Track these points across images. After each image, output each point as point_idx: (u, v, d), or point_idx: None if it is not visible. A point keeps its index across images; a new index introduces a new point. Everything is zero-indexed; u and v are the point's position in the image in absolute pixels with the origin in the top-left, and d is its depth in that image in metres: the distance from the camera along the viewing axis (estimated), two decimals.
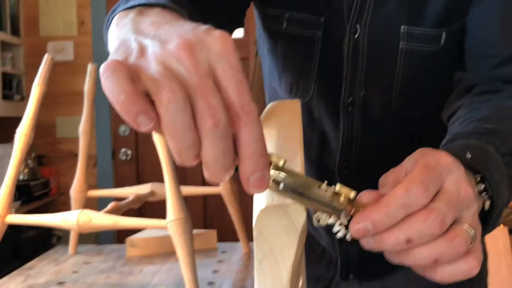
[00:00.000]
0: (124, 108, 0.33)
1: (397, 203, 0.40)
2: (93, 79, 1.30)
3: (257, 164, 0.35)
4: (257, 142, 0.35)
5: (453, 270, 0.43)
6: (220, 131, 0.33)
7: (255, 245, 0.38)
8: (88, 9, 3.10)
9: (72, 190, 1.29)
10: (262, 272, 0.38)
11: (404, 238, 0.40)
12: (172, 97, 0.33)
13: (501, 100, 0.66)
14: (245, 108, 0.34)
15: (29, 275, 1.13)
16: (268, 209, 0.38)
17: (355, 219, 0.41)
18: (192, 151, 0.34)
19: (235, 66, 0.35)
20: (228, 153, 0.34)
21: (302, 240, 0.38)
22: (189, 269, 0.94)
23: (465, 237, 0.42)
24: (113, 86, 0.33)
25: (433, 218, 0.40)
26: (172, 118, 0.33)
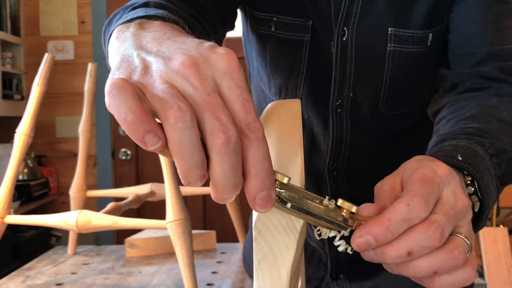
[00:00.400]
0: (132, 128, 0.32)
1: (398, 217, 0.41)
2: (93, 78, 1.30)
3: (264, 183, 0.34)
4: (264, 160, 0.34)
5: (452, 280, 0.43)
6: (231, 147, 0.33)
7: (255, 246, 0.38)
8: (89, 8, 3.10)
9: (72, 190, 1.29)
10: (261, 273, 0.37)
11: (405, 251, 0.41)
12: (180, 115, 0.32)
13: (485, 98, 0.67)
14: (252, 126, 0.34)
15: (28, 275, 1.13)
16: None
17: (357, 233, 0.41)
18: (200, 170, 0.34)
19: (241, 84, 0.35)
20: (238, 170, 0.34)
21: (301, 240, 0.38)
22: (188, 270, 0.94)
23: (463, 248, 0.43)
24: (120, 105, 0.32)
25: (433, 231, 0.41)
26: (179, 137, 0.32)
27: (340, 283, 0.89)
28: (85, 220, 0.97)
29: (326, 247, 0.88)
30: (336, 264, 0.88)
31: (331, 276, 0.89)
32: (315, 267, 0.90)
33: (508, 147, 0.57)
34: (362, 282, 0.89)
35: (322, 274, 0.90)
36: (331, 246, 0.88)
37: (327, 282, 0.90)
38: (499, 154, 0.55)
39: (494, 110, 0.64)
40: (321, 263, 0.90)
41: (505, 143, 0.57)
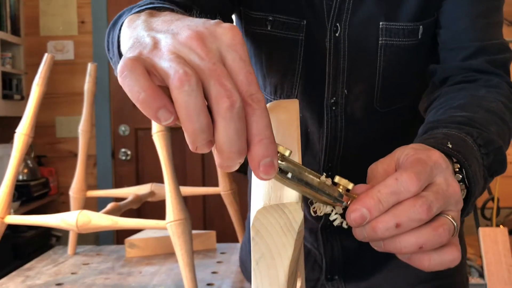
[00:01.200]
0: (145, 105, 0.34)
1: (388, 190, 0.43)
2: (93, 78, 1.30)
3: (267, 150, 0.36)
4: (267, 129, 0.36)
5: (439, 259, 0.45)
6: (235, 111, 0.34)
7: (253, 245, 0.38)
8: (89, 8, 3.10)
9: (72, 190, 1.29)
10: (259, 272, 0.37)
11: (393, 223, 0.43)
12: (185, 79, 0.34)
13: (475, 89, 0.69)
14: (254, 97, 0.36)
15: (28, 275, 1.13)
16: (266, 209, 0.38)
17: (351, 206, 0.44)
18: (206, 134, 0.35)
19: (244, 58, 0.37)
20: (242, 135, 0.35)
21: (299, 240, 0.38)
22: (188, 270, 0.94)
23: (448, 227, 0.44)
24: (133, 84, 0.34)
25: (420, 204, 0.43)
26: (185, 100, 0.34)
27: (335, 284, 0.89)
28: (85, 220, 0.97)
29: (321, 247, 0.88)
30: (331, 265, 0.88)
31: (326, 277, 0.89)
32: (310, 268, 0.90)
33: (496, 137, 0.59)
34: (357, 283, 0.89)
35: (317, 276, 0.90)
36: (326, 246, 0.88)
37: (322, 283, 0.90)
38: (487, 144, 0.57)
39: (482, 101, 0.65)
40: (316, 264, 0.90)
41: (493, 133, 0.59)
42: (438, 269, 0.46)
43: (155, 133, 1.01)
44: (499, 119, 0.64)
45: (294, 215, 0.38)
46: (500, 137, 0.61)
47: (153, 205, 1.69)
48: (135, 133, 3.13)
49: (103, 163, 3.11)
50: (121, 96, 3.11)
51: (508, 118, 0.66)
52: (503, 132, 0.63)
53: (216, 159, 0.36)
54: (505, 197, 2.63)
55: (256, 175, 0.37)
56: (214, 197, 2.62)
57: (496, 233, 2.11)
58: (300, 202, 0.38)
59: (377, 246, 0.47)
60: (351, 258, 0.88)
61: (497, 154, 0.58)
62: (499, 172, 0.61)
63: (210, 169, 3.04)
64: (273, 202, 0.38)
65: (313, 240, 0.89)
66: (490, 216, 2.26)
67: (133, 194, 1.26)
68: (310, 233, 0.89)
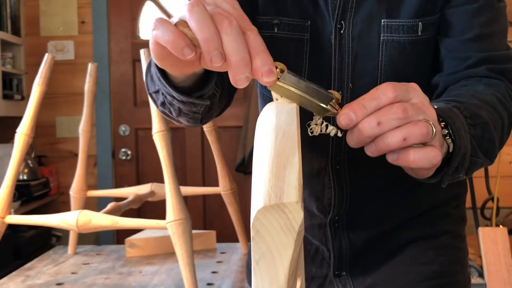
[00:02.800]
0: (173, 45, 0.48)
1: (369, 96, 0.54)
2: (93, 78, 1.30)
3: (266, 59, 0.49)
4: (262, 45, 0.49)
5: (422, 153, 0.53)
6: (234, 27, 0.48)
7: (253, 245, 0.38)
8: (89, 8, 3.10)
9: (72, 190, 1.29)
10: (259, 272, 0.38)
11: (375, 121, 0.52)
12: (195, 3, 0.48)
13: (474, 85, 0.75)
14: (248, 27, 0.49)
15: (29, 275, 1.13)
16: (266, 209, 0.38)
17: (340, 112, 0.54)
18: (216, 43, 0.47)
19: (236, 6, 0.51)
20: (243, 46, 0.48)
21: (299, 240, 0.38)
22: (188, 270, 0.94)
23: (426, 124, 0.53)
24: (163, 31, 0.48)
25: (397, 106, 0.53)
26: (196, 16, 0.48)
27: (343, 280, 0.90)
28: (86, 220, 0.97)
29: (329, 243, 0.89)
30: (339, 261, 0.90)
31: (334, 273, 0.90)
32: (318, 265, 0.92)
33: (484, 116, 0.65)
34: (364, 279, 0.90)
35: (325, 272, 0.91)
36: (334, 242, 0.89)
37: (330, 280, 0.91)
38: (473, 117, 0.64)
39: (478, 93, 0.70)
40: (324, 261, 0.91)
41: (482, 114, 0.65)
42: (422, 164, 0.54)
43: (155, 133, 1.02)
44: (491, 108, 0.68)
45: (294, 215, 0.38)
46: (489, 120, 0.65)
47: (153, 205, 1.69)
48: (135, 133, 3.13)
49: (104, 163, 3.11)
50: (121, 96, 3.11)
51: (501, 110, 0.69)
52: (494, 119, 0.67)
53: (230, 76, 0.48)
54: (505, 197, 2.63)
55: (260, 81, 0.49)
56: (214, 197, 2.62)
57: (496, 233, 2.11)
58: (300, 202, 0.38)
59: (370, 149, 0.55)
60: (358, 253, 0.89)
61: (485, 130, 0.64)
62: (491, 152, 0.66)
63: (210, 169, 3.04)
64: (273, 202, 0.38)
65: (322, 235, 0.90)
66: (489, 216, 2.27)
67: (133, 194, 1.26)
68: (319, 228, 0.90)
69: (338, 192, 0.86)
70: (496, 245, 2.09)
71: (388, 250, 0.89)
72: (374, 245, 0.89)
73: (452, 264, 0.89)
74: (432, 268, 0.87)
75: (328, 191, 0.86)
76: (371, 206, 0.87)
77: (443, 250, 0.88)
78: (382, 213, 0.88)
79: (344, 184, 0.86)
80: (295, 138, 0.46)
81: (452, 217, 0.91)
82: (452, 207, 0.91)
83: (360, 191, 0.86)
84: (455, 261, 0.90)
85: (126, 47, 3.10)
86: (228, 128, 2.98)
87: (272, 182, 0.40)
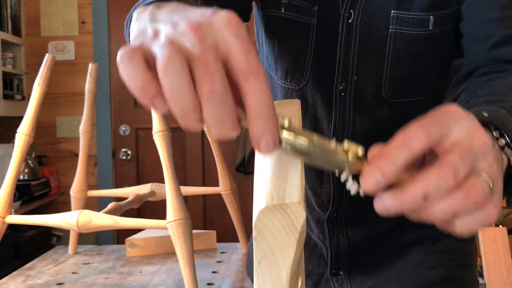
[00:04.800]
0: (142, 94, 0.36)
1: (397, 145, 0.40)
2: (94, 78, 1.30)
3: (267, 125, 0.36)
4: (266, 104, 0.36)
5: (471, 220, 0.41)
6: (217, 95, 0.35)
7: (255, 245, 0.38)
8: (89, 8, 3.10)
9: (72, 190, 1.29)
10: (261, 273, 0.38)
11: (421, 194, 0.39)
12: (170, 62, 0.35)
13: (503, 78, 0.67)
14: (253, 71, 0.36)
15: (29, 275, 1.13)
16: (268, 209, 0.38)
17: (363, 172, 0.40)
18: (194, 114, 0.36)
19: (241, 37, 0.37)
20: (227, 118, 0.36)
21: (301, 240, 0.38)
22: (188, 270, 0.94)
23: (481, 187, 0.40)
24: (130, 73, 0.36)
25: (445, 170, 0.39)
26: (170, 82, 0.35)
27: (340, 280, 0.89)
28: (86, 220, 0.97)
29: (326, 240, 0.88)
30: (336, 259, 0.88)
31: (330, 272, 0.89)
32: (316, 262, 0.90)
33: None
34: (362, 280, 0.88)
35: (322, 270, 0.90)
36: (331, 239, 0.88)
37: (326, 278, 0.90)
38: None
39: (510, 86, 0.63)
40: (322, 258, 0.90)
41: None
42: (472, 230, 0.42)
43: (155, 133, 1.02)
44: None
45: (297, 215, 0.38)
46: None
47: (154, 204, 1.69)
48: (136, 133, 3.13)
49: (104, 163, 3.11)
50: (122, 96, 3.11)
51: None
52: None
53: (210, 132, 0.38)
54: None
55: (258, 151, 0.37)
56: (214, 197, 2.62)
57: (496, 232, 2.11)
58: (303, 202, 0.38)
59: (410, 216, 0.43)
60: (357, 253, 0.88)
61: None
62: None
63: (210, 169, 3.04)
64: (275, 202, 0.38)
65: (319, 231, 0.89)
66: None
67: (133, 194, 1.26)
68: (316, 223, 0.89)
69: (337, 187, 0.84)
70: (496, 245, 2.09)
71: (389, 251, 0.88)
72: (373, 245, 0.88)
73: (458, 269, 0.87)
74: (437, 274, 0.85)
75: (327, 186, 0.85)
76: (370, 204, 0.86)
77: (449, 254, 0.86)
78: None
79: None
80: None
81: None
82: None
83: None
84: (462, 265, 0.88)
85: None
86: None
87: (274, 182, 0.40)
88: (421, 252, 0.86)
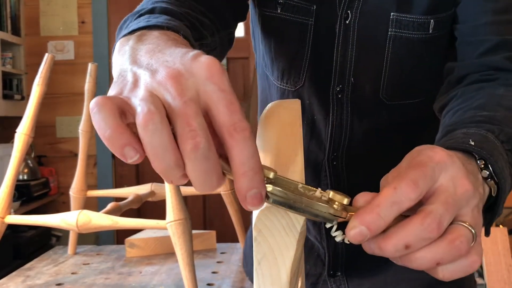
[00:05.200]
0: (110, 142, 0.35)
1: (386, 202, 0.40)
2: (94, 78, 1.30)
3: (252, 181, 0.35)
4: (251, 159, 0.35)
5: (454, 268, 0.42)
6: (200, 152, 0.34)
7: (255, 246, 0.38)
8: (89, 8, 3.10)
9: (72, 190, 1.29)
10: (261, 273, 0.37)
11: (402, 244, 0.40)
12: (149, 118, 0.34)
13: (494, 88, 0.67)
14: (237, 126, 0.35)
15: (29, 275, 1.13)
16: (268, 209, 0.38)
17: (350, 224, 0.40)
18: (176, 171, 0.35)
19: (224, 87, 0.36)
20: (211, 174, 0.36)
21: (301, 240, 0.38)
22: (188, 270, 0.94)
23: (466, 237, 0.41)
24: (100, 121, 0.35)
25: (429, 222, 0.40)
26: (150, 139, 0.34)
27: (337, 281, 0.89)
28: (85, 220, 0.97)
29: (324, 241, 0.88)
30: (334, 260, 0.88)
31: (328, 273, 0.89)
32: (313, 263, 0.90)
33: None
34: (360, 282, 0.88)
35: (319, 271, 0.90)
36: (329, 240, 0.87)
37: (324, 279, 0.90)
38: (509, 141, 0.54)
39: (501, 100, 0.63)
40: (319, 259, 0.90)
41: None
42: (454, 278, 0.43)
43: None
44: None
45: (296, 216, 0.38)
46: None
47: (153, 205, 1.69)
48: None
49: (104, 163, 3.11)
50: None
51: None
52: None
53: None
54: None
55: (244, 207, 0.36)
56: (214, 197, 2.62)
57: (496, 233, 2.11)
58: None
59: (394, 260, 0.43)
60: (354, 254, 0.87)
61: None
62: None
63: None
64: None
65: (316, 232, 0.88)
66: None
67: (133, 194, 1.26)
68: (313, 224, 0.88)
69: (334, 187, 0.84)
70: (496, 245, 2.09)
71: None
72: None
73: None
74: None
75: (324, 188, 0.85)
76: None
77: None
78: None
79: (341, 180, 0.84)
80: (297, 136, 0.45)
81: None
82: None
83: (357, 188, 0.85)
84: None
85: None
86: None
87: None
88: None
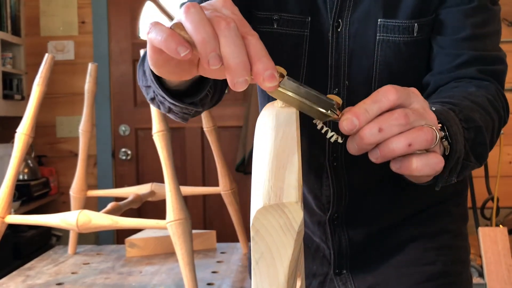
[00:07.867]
0: (167, 44, 0.46)
1: (371, 99, 0.52)
2: (93, 78, 1.30)
3: (267, 64, 0.47)
4: (264, 50, 0.48)
5: (426, 161, 0.52)
6: (232, 29, 0.47)
7: (252, 245, 0.38)
8: (89, 8, 3.10)
9: (72, 190, 1.29)
10: (259, 272, 0.38)
11: (376, 128, 0.51)
12: (191, 5, 0.47)
13: (466, 86, 0.75)
14: (249, 31, 0.48)
15: (29, 275, 1.13)
16: (265, 209, 0.38)
17: (343, 117, 0.52)
18: (213, 43, 0.46)
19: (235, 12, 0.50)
20: (242, 49, 0.47)
21: (299, 239, 0.38)
22: (188, 269, 0.94)
23: (431, 130, 0.52)
24: (156, 32, 0.47)
25: (399, 111, 0.51)
26: (192, 17, 0.47)
27: (343, 279, 0.91)
28: (86, 220, 0.98)
29: (329, 241, 0.90)
30: (339, 259, 0.90)
31: (334, 271, 0.91)
32: (319, 263, 0.92)
33: (478, 120, 0.65)
34: (364, 278, 0.90)
35: (326, 270, 0.92)
36: (333, 240, 0.89)
37: (331, 278, 0.91)
38: (467, 121, 0.63)
39: (469, 95, 0.70)
40: (325, 259, 0.91)
41: (475, 117, 0.65)
42: (425, 172, 0.53)
43: (155, 133, 1.02)
44: (483, 110, 0.68)
45: (294, 215, 0.38)
46: (482, 123, 0.65)
47: (153, 204, 1.69)
48: (135, 133, 3.13)
49: (104, 163, 3.11)
50: (122, 96, 3.11)
51: (492, 112, 0.69)
52: (486, 122, 0.67)
53: (228, 79, 0.47)
54: (505, 197, 2.63)
55: (262, 87, 0.48)
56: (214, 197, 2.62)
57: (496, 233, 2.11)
58: (300, 202, 0.38)
59: (374, 156, 0.53)
60: (358, 251, 0.90)
61: (477, 134, 0.64)
62: (483, 155, 0.65)
63: (210, 169, 3.04)
64: (272, 202, 0.38)
65: (321, 233, 0.90)
66: (489, 216, 2.27)
67: (133, 194, 1.26)
68: (318, 226, 0.90)
69: (336, 189, 0.86)
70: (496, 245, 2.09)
71: (388, 248, 0.89)
72: (373, 243, 0.89)
73: (454, 264, 0.89)
74: (435, 269, 0.87)
75: (326, 188, 0.87)
76: (369, 202, 0.88)
77: (445, 250, 0.89)
78: (381, 210, 0.88)
79: (342, 180, 0.86)
80: (294, 137, 0.46)
81: (453, 215, 0.91)
82: (452, 205, 0.91)
83: (358, 188, 0.86)
84: (457, 261, 0.90)
85: (126, 47, 3.10)
86: (228, 128, 2.98)
87: (271, 182, 0.40)
88: (419, 249, 0.88)
